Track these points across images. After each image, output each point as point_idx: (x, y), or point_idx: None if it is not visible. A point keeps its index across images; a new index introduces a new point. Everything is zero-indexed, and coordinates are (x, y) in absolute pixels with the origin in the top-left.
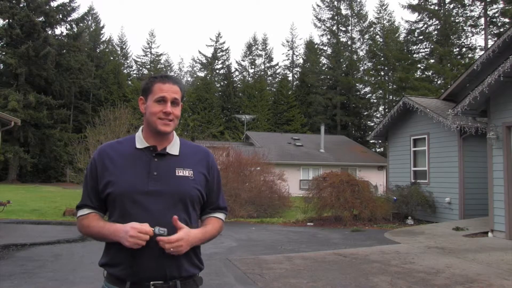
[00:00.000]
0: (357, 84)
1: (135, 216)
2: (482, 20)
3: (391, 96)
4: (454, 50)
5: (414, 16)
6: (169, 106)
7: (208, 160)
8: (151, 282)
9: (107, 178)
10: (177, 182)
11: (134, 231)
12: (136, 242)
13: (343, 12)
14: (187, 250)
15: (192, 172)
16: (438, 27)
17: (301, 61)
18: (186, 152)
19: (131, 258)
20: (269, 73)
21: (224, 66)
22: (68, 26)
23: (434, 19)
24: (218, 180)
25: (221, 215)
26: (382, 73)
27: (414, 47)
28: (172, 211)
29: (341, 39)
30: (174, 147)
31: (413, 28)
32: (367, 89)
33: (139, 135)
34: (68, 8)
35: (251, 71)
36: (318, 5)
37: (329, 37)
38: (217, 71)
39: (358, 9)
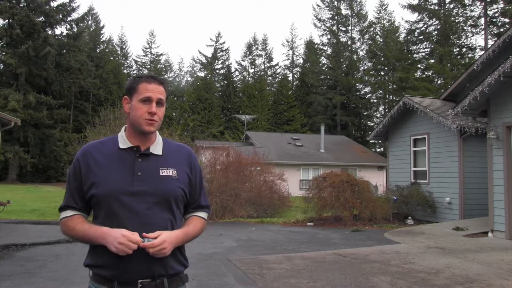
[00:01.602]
0: (357, 84)
1: (120, 217)
2: (482, 20)
3: (391, 96)
4: (454, 50)
5: (414, 16)
6: (154, 107)
7: (190, 159)
8: (139, 281)
9: (92, 180)
10: (161, 182)
11: (124, 239)
12: (124, 249)
13: (343, 12)
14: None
15: (175, 171)
16: (438, 27)
17: (301, 61)
18: (169, 152)
19: (117, 258)
20: (269, 73)
21: (224, 66)
22: (68, 26)
23: (434, 19)
24: (200, 179)
25: (203, 214)
26: (382, 73)
27: (414, 47)
28: (157, 211)
29: (341, 39)
30: (157, 147)
31: (413, 28)
32: (367, 89)
33: (122, 135)
34: (68, 8)
35: (251, 71)
36: (318, 5)
37: (329, 37)
38: (217, 71)
39: (358, 9)
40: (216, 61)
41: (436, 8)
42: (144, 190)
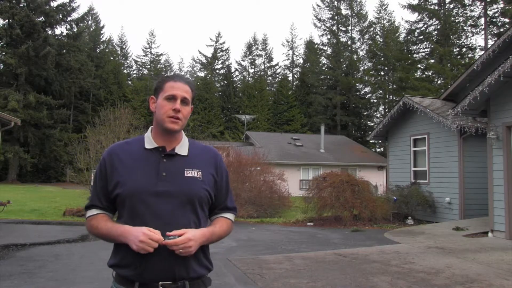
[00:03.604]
0: (357, 84)
1: (144, 217)
2: (482, 20)
3: (391, 96)
4: (454, 50)
5: (414, 16)
6: (179, 104)
7: (216, 161)
8: (160, 283)
9: (116, 179)
10: (186, 183)
11: (145, 237)
12: (145, 247)
13: (343, 12)
14: (196, 251)
15: (200, 173)
16: (438, 27)
17: (301, 61)
18: (195, 153)
19: (140, 259)
20: (269, 73)
21: (224, 66)
22: (68, 26)
23: (434, 19)
24: (226, 181)
25: (229, 215)
26: (382, 73)
27: (414, 47)
28: (181, 212)
29: (341, 39)
30: (183, 148)
31: (413, 28)
32: (367, 89)
33: (148, 135)
34: (68, 8)
35: (251, 71)
36: (318, 5)
37: (329, 37)
38: (217, 71)
39: (358, 9)
40: (216, 61)
41: (436, 8)
42: (168, 190)
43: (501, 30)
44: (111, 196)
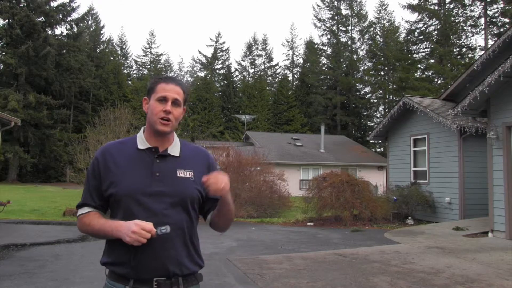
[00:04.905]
0: (357, 84)
1: (137, 217)
2: (482, 20)
3: (391, 96)
4: (454, 50)
5: (414, 16)
6: (169, 105)
7: (208, 161)
8: (154, 279)
9: (110, 179)
10: (178, 183)
11: (137, 227)
12: (137, 238)
13: (343, 12)
14: (189, 248)
15: (192, 173)
16: (438, 27)
17: (301, 61)
18: (187, 153)
19: (133, 257)
20: (269, 73)
21: (224, 66)
22: (68, 26)
23: (434, 19)
24: None
25: None
26: (382, 73)
27: (414, 47)
28: (173, 212)
29: (341, 39)
30: (175, 148)
31: (413, 28)
32: (367, 89)
33: (140, 136)
34: (68, 8)
35: (251, 71)
36: (318, 5)
37: (329, 37)
38: (217, 71)
39: (358, 9)
40: (216, 61)
41: (436, 8)
42: (161, 190)
43: (501, 30)
44: (105, 195)
